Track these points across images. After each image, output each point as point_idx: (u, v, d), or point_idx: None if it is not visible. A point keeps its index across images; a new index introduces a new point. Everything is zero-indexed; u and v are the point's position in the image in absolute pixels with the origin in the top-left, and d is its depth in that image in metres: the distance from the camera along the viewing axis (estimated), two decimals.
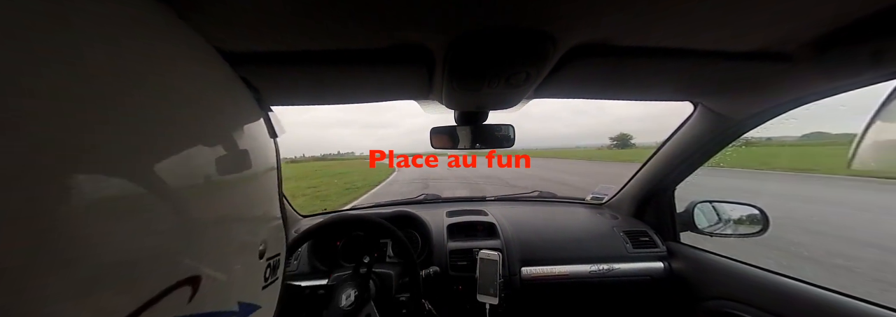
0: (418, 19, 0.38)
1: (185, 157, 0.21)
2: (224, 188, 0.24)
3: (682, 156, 1.00)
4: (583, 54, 0.50)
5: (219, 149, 0.24)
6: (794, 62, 0.54)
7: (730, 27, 0.43)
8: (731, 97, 0.75)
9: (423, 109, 0.90)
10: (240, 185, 0.27)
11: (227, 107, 0.28)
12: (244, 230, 0.27)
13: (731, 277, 0.89)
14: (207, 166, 0.23)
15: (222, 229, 0.24)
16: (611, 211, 1.32)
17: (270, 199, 0.32)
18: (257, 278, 0.29)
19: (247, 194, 0.28)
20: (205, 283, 0.21)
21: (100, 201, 0.16)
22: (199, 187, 0.22)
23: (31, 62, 0.14)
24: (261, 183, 0.30)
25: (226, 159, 0.25)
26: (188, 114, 0.22)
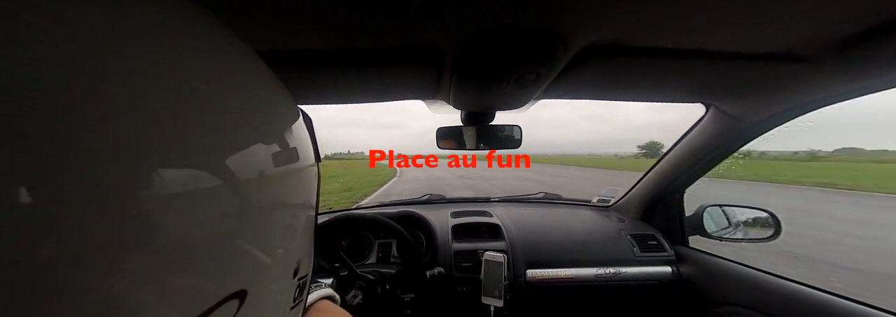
0: (430, 19, 0.37)
1: (242, 166, 0.20)
2: (272, 185, 0.23)
3: (693, 159, 0.99)
4: (594, 55, 0.49)
5: (274, 164, 0.23)
6: (813, 63, 0.52)
7: (746, 28, 0.42)
8: (746, 99, 0.74)
9: (430, 109, 0.89)
10: (287, 181, 0.26)
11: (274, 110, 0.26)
12: (287, 247, 0.26)
13: (743, 283, 0.87)
14: (265, 171, 0.22)
15: (268, 245, 0.23)
16: (617, 214, 1.30)
17: (310, 217, 0.31)
18: (288, 298, 0.28)
19: (292, 207, 0.27)
20: (250, 298, 0.20)
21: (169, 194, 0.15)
22: (250, 184, 0.21)
23: (109, 67, 0.14)
24: (304, 181, 0.29)
25: (281, 176, 0.24)
26: (235, 118, 0.21)
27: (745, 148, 0.91)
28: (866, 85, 0.57)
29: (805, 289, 0.76)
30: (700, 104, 0.88)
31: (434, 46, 0.45)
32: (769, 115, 0.76)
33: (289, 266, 0.27)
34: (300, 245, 0.29)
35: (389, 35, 0.42)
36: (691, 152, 0.98)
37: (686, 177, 1.05)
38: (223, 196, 0.18)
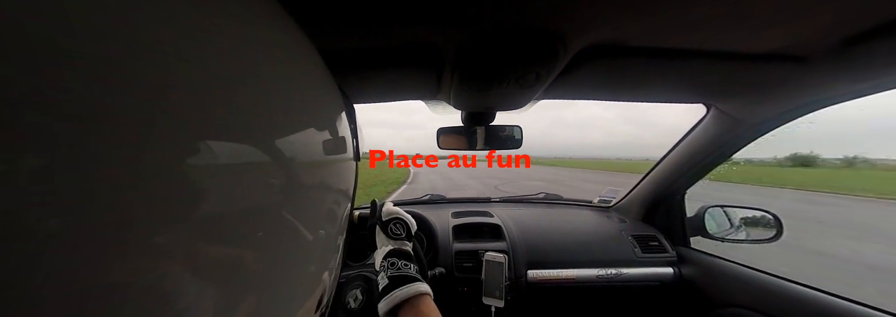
0: (430, 19, 0.37)
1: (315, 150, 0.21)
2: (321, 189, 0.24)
3: (694, 159, 0.98)
4: (594, 55, 0.49)
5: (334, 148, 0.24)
6: (814, 63, 0.52)
7: (746, 28, 0.42)
8: (746, 100, 0.74)
9: (430, 110, 0.90)
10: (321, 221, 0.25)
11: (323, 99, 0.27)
12: (309, 282, 0.24)
13: (746, 284, 0.87)
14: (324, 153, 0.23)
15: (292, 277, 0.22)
16: (618, 214, 1.30)
17: (338, 243, 0.30)
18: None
19: (324, 225, 0.26)
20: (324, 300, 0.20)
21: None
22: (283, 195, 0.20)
23: (180, 59, 0.15)
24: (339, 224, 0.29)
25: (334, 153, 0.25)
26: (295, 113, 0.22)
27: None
28: (866, 86, 0.57)
29: (807, 290, 0.76)
30: (701, 105, 0.88)
31: (434, 46, 0.45)
32: (769, 115, 0.76)
33: (311, 303, 0.25)
34: (326, 274, 0.27)
35: (390, 35, 0.42)
36: (692, 153, 0.98)
37: (687, 178, 1.05)
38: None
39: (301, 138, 0.22)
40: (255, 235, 0.18)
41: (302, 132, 0.22)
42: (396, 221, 0.69)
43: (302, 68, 0.24)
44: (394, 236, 0.66)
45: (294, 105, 0.21)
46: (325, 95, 0.27)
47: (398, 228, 0.68)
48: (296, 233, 0.22)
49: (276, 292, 0.20)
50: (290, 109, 0.21)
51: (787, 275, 0.83)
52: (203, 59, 0.15)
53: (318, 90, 0.26)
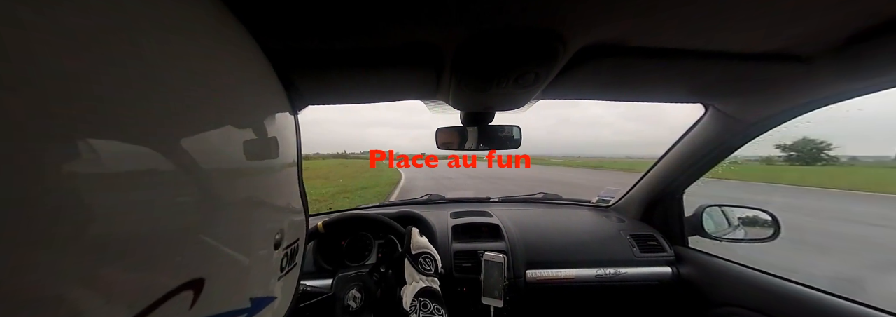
0: (430, 19, 0.37)
1: (201, 146, 0.20)
2: (241, 179, 0.24)
3: (692, 159, 0.99)
4: (593, 55, 0.49)
5: (238, 138, 0.23)
6: (812, 63, 0.52)
7: (745, 28, 0.42)
8: (745, 99, 0.74)
9: (429, 110, 0.89)
10: (259, 175, 0.26)
11: (254, 96, 0.27)
12: (260, 223, 0.26)
13: (743, 283, 0.87)
14: (225, 156, 0.22)
15: (235, 223, 0.23)
16: (617, 214, 1.30)
17: (289, 188, 0.31)
18: (273, 270, 0.28)
19: (265, 185, 0.27)
20: (210, 284, 0.20)
21: (114, 175, 0.15)
22: (214, 177, 0.21)
23: (78, 47, 0.14)
24: (280, 173, 0.29)
25: (245, 150, 0.24)
26: (212, 101, 0.21)
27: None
28: (865, 85, 0.57)
29: (805, 289, 0.76)
30: (700, 105, 0.88)
31: (433, 46, 0.45)
32: (768, 115, 0.76)
33: (267, 240, 0.27)
34: (280, 216, 0.29)
35: (389, 35, 0.42)
36: (691, 153, 0.98)
37: (685, 177, 1.05)
38: (169, 181, 0.18)
39: (214, 143, 0.21)
40: (160, 255, 0.17)
41: (214, 136, 0.21)
42: (426, 256, 0.69)
43: (229, 68, 0.24)
44: (424, 271, 0.66)
45: (208, 105, 0.21)
46: (255, 96, 0.27)
47: (428, 263, 0.68)
48: (216, 256, 0.21)
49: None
50: (203, 110, 0.20)
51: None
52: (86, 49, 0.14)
53: (247, 90, 0.26)
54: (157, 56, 0.17)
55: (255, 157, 0.25)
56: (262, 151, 0.26)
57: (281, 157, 0.29)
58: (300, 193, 0.34)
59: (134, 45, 0.16)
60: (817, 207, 8.20)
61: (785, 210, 5.13)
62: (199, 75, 0.20)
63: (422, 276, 0.66)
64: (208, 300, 0.20)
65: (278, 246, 0.28)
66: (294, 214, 0.32)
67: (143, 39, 0.17)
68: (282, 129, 0.30)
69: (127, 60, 0.16)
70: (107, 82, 0.15)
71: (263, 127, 0.27)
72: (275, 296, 0.28)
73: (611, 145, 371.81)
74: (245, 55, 0.26)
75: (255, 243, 0.26)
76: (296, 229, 0.32)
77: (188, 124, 0.19)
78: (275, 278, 0.28)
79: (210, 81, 0.21)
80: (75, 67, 0.14)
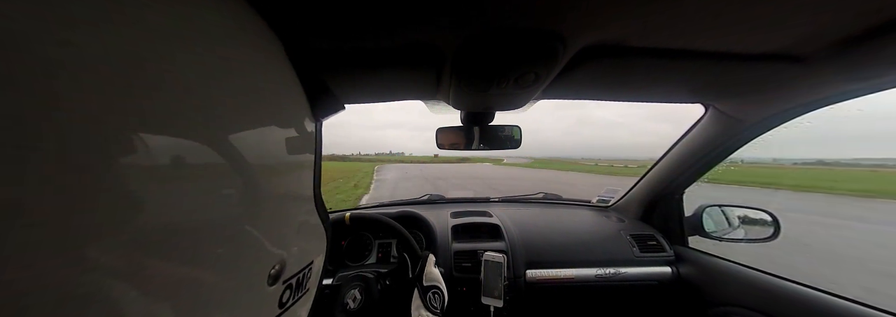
0: (430, 19, 0.37)
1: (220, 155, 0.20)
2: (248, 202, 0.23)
3: (692, 159, 0.99)
4: (593, 55, 0.49)
5: (261, 156, 0.24)
6: (812, 64, 0.52)
7: (744, 28, 0.42)
8: (745, 100, 0.74)
9: (430, 110, 0.89)
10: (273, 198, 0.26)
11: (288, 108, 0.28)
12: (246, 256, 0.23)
13: (743, 283, 0.87)
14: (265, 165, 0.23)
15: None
16: (617, 214, 1.30)
17: (297, 207, 0.29)
18: (267, 309, 0.25)
19: (273, 211, 0.26)
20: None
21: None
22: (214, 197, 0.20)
23: (112, 57, 0.15)
24: (281, 193, 0.27)
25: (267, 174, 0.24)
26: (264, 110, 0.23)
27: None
28: (864, 85, 0.58)
29: (805, 289, 0.76)
30: (700, 105, 0.88)
31: (434, 47, 0.45)
32: (768, 115, 0.76)
33: (257, 277, 0.23)
34: (279, 244, 0.26)
35: (390, 36, 0.42)
36: (690, 153, 0.98)
37: (685, 177, 1.05)
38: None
39: (258, 144, 0.22)
40: (208, 248, 0.18)
41: (256, 136, 0.22)
42: (435, 291, 0.68)
43: (260, 73, 0.24)
44: (431, 309, 0.66)
45: (248, 108, 0.22)
46: (284, 98, 0.27)
47: (436, 300, 0.68)
48: (254, 244, 0.22)
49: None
50: (245, 113, 0.21)
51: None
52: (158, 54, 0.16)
53: (278, 94, 0.26)
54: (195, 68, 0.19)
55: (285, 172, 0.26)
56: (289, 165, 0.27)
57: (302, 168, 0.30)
58: (320, 215, 0.32)
59: (167, 55, 0.17)
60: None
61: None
62: (246, 90, 0.22)
63: (427, 312, 0.65)
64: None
65: (277, 279, 0.25)
66: (301, 243, 0.29)
67: (179, 49, 0.18)
68: (305, 141, 0.30)
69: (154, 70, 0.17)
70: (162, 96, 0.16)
71: (292, 138, 0.27)
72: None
73: (632, 147, 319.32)
74: (278, 63, 0.26)
75: (241, 278, 0.23)
76: (304, 253, 0.29)
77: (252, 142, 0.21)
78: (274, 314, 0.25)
79: (256, 93, 0.22)
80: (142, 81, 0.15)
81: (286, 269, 0.26)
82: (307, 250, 0.29)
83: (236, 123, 0.22)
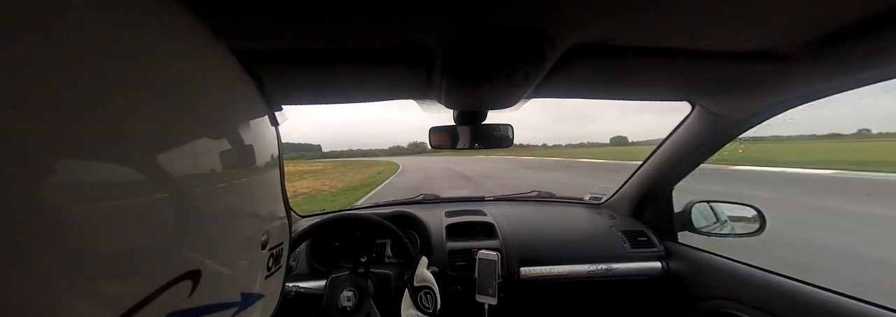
0: (418, 19, 0.38)
1: (189, 151, 0.21)
2: (228, 182, 0.25)
3: (680, 156, 1.01)
4: (581, 54, 0.50)
5: (223, 144, 0.24)
6: (791, 62, 0.54)
7: (727, 27, 0.43)
8: (729, 97, 0.76)
9: (423, 109, 0.90)
10: (244, 179, 0.27)
11: (233, 102, 0.28)
12: (248, 223, 0.28)
13: (729, 276, 0.90)
14: (211, 161, 0.23)
15: (226, 223, 0.25)
16: (609, 211, 1.32)
17: (273, 192, 0.33)
18: (260, 269, 0.29)
19: (250, 188, 0.29)
20: (206, 276, 0.21)
21: (102, 194, 0.16)
22: (203, 181, 0.22)
23: (35, 58, 0.14)
24: (264, 177, 0.31)
25: (230, 154, 0.25)
26: (194, 108, 0.23)
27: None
28: (845, 82, 0.59)
29: (790, 282, 0.79)
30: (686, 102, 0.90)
31: (423, 46, 0.45)
32: (751, 112, 0.78)
33: (254, 240, 0.28)
34: (264, 218, 0.30)
35: (378, 35, 0.42)
36: (679, 150, 1.00)
37: (674, 174, 1.07)
38: (158, 177, 0.19)
39: (196, 148, 0.22)
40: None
41: (195, 141, 0.22)
42: (427, 292, 0.68)
43: (198, 70, 0.24)
44: (423, 310, 0.66)
45: (180, 109, 0.21)
46: (229, 101, 0.28)
47: (428, 300, 0.67)
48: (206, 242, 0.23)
49: None
50: (176, 114, 0.21)
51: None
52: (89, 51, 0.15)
53: (220, 95, 0.27)
54: (121, 62, 0.18)
55: (240, 159, 0.27)
56: (246, 155, 0.28)
57: (265, 159, 0.31)
58: (283, 199, 0.36)
59: (95, 50, 0.17)
60: None
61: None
62: (169, 82, 0.21)
63: (418, 312, 0.65)
64: (204, 290, 0.21)
65: (265, 246, 0.30)
66: (277, 218, 0.34)
67: (106, 45, 0.17)
68: (262, 132, 0.31)
69: (81, 77, 0.16)
70: (79, 93, 0.15)
71: (244, 131, 0.28)
72: (263, 294, 0.30)
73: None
74: (212, 59, 0.26)
75: (244, 242, 0.27)
76: (280, 232, 0.34)
77: (169, 132, 0.20)
78: (262, 276, 0.30)
79: (183, 87, 0.22)
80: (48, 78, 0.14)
81: (270, 240, 0.31)
82: (280, 230, 0.34)
83: (219, 122, 0.25)
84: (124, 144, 0.17)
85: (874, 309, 0.65)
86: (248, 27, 0.39)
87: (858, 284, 2.41)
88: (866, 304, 0.66)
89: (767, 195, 6.06)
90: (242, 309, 0.26)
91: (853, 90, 0.62)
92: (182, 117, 0.21)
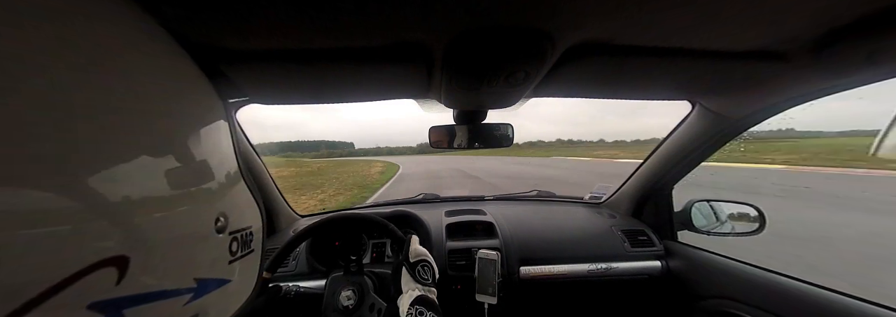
0: (417, 18, 0.37)
1: (102, 138, 0.20)
2: (156, 167, 0.24)
3: (680, 155, 1.01)
4: (581, 53, 0.49)
5: (151, 129, 0.24)
6: (791, 61, 0.54)
7: (728, 27, 0.43)
8: (729, 97, 0.75)
9: (422, 108, 0.89)
10: (182, 163, 0.27)
11: (166, 86, 0.28)
12: (192, 207, 0.27)
13: (729, 276, 0.90)
14: (131, 147, 0.22)
15: (158, 207, 0.24)
16: (609, 210, 1.32)
17: (226, 174, 0.32)
18: (219, 253, 0.29)
19: (193, 172, 0.28)
20: (135, 263, 0.21)
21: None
22: (120, 167, 0.21)
23: None
24: (214, 161, 0.31)
25: (158, 139, 0.25)
26: (114, 91, 0.22)
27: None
28: (844, 82, 0.59)
29: (787, 280, 0.79)
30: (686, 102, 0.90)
31: (423, 45, 0.45)
32: (751, 111, 0.78)
33: (202, 223, 0.27)
34: (215, 200, 0.30)
35: (377, 34, 0.42)
36: (679, 149, 1.00)
37: (674, 173, 1.07)
38: (69, 153, 0.18)
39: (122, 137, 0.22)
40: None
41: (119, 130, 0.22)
42: (424, 264, 0.68)
43: (142, 67, 0.25)
44: (422, 281, 0.66)
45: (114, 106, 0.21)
46: (176, 90, 0.28)
47: (426, 272, 0.68)
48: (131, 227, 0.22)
49: None
50: (109, 111, 0.21)
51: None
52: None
53: (162, 89, 0.27)
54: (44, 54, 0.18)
55: (175, 144, 0.26)
56: (184, 140, 0.28)
57: (215, 144, 0.31)
58: (248, 186, 0.36)
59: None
60: None
61: None
62: (93, 66, 0.21)
63: (418, 285, 0.65)
64: (135, 278, 0.21)
65: (223, 230, 0.29)
66: (238, 202, 0.34)
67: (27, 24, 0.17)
68: (204, 123, 0.31)
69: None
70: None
71: (180, 115, 0.28)
72: (228, 279, 0.30)
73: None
74: (148, 54, 0.26)
75: (188, 227, 0.27)
76: (244, 216, 0.34)
77: (90, 121, 0.20)
78: (224, 261, 0.30)
79: (105, 71, 0.22)
80: None
81: (230, 224, 0.30)
82: (244, 214, 0.34)
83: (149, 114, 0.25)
84: (21, 123, 0.16)
85: (874, 308, 0.65)
86: (243, 25, 0.39)
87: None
88: (866, 303, 0.66)
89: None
90: (201, 295, 0.26)
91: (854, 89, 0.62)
92: (97, 99, 0.20)
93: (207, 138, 0.31)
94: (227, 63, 0.46)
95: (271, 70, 0.52)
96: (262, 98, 0.68)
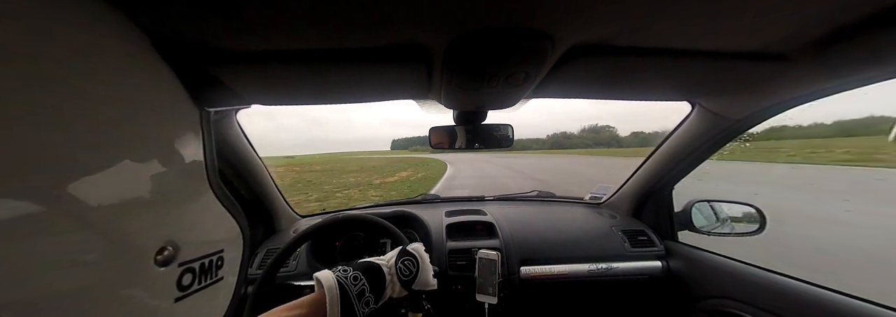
0: (418, 19, 0.37)
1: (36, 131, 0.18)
2: (59, 188, 0.20)
3: (680, 155, 1.01)
4: (581, 54, 0.50)
5: (94, 131, 0.21)
6: (792, 62, 0.54)
7: (728, 27, 0.43)
8: (729, 97, 0.76)
9: (422, 109, 0.90)
10: (117, 176, 0.23)
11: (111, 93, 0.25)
12: (115, 237, 0.22)
13: (729, 276, 0.90)
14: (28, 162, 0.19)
15: (51, 239, 0.19)
16: (609, 210, 1.32)
17: (184, 189, 0.28)
18: (157, 292, 0.24)
19: (129, 187, 0.24)
20: (26, 308, 0.17)
21: None
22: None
23: None
24: (165, 174, 0.27)
25: (101, 146, 0.21)
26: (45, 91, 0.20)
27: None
28: (844, 82, 0.59)
29: (787, 280, 0.79)
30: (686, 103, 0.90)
31: (423, 46, 0.45)
32: (751, 112, 0.78)
33: (136, 256, 0.23)
34: (159, 227, 0.25)
35: (378, 35, 0.42)
36: (679, 149, 1.00)
37: (674, 173, 1.07)
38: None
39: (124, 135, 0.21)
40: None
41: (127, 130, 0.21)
42: (407, 260, 0.68)
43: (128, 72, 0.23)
44: (400, 274, 0.65)
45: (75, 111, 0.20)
46: (152, 94, 0.27)
47: (407, 268, 0.67)
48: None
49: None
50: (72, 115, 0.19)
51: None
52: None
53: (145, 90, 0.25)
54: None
55: (101, 162, 0.23)
56: (121, 157, 0.24)
57: (174, 161, 0.27)
58: (219, 199, 0.32)
59: None
60: None
61: None
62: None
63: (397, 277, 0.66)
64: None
65: (169, 261, 0.25)
66: (197, 224, 0.29)
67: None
68: (166, 133, 0.28)
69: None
70: None
71: (131, 133, 0.25)
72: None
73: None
74: (110, 56, 0.24)
75: (103, 262, 0.22)
76: (207, 240, 0.29)
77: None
78: (168, 300, 0.25)
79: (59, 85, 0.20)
80: None
81: (181, 253, 0.26)
82: (212, 237, 0.30)
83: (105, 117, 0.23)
84: None
85: (874, 308, 0.65)
86: (244, 27, 0.39)
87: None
88: (866, 302, 0.66)
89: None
90: None
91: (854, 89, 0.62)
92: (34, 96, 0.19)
93: (166, 149, 0.27)
94: (227, 64, 0.46)
95: (271, 71, 0.52)
96: (263, 99, 0.68)
